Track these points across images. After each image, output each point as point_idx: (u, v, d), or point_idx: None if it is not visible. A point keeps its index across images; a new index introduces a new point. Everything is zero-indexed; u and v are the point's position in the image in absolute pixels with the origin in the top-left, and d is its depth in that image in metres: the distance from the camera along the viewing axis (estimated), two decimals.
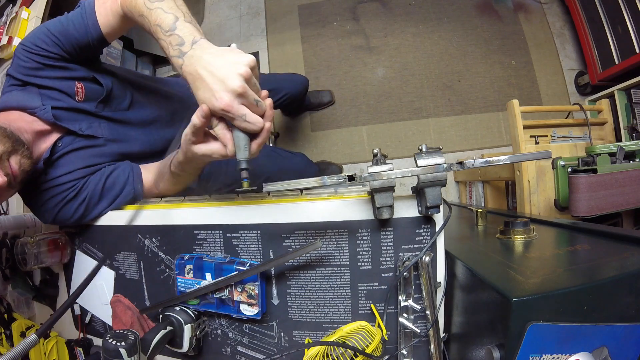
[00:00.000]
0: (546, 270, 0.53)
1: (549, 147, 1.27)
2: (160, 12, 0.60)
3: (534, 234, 0.72)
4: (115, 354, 0.52)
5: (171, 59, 0.58)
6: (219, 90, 0.52)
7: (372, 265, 0.62)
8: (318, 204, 0.64)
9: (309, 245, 0.60)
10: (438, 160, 0.51)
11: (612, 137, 1.44)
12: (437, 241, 0.59)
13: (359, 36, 2.06)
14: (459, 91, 1.97)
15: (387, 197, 0.54)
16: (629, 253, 0.56)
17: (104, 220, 0.82)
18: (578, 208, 0.98)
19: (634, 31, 1.54)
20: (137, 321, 0.79)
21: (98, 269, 0.79)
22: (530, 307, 0.44)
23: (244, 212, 0.69)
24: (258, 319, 0.67)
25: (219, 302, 0.68)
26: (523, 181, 1.20)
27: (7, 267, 1.01)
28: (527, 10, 2.04)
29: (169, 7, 0.60)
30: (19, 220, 0.91)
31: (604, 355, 0.47)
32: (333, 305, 0.65)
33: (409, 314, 0.61)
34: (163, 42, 0.59)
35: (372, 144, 1.96)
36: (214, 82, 0.52)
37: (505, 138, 1.91)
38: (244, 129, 0.55)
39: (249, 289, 0.65)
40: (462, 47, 2.01)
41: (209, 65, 0.53)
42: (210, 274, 0.67)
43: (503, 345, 0.46)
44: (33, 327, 0.99)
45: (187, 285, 0.69)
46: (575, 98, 1.93)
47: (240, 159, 0.56)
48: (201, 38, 0.57)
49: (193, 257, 0.69)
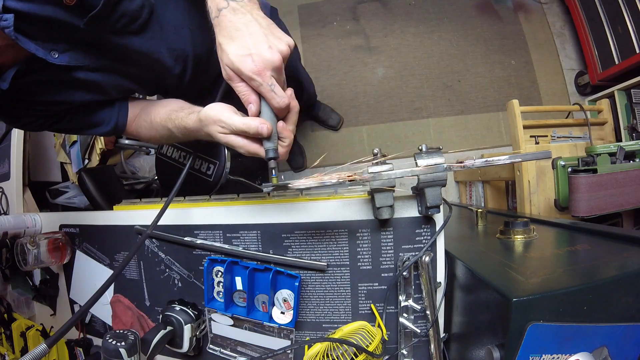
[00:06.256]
0: (546, 270, 0.53)
1: (549, 147, 1.27)
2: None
3: (534, 234, 0.72)
4: (115, 354, 0.52)
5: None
6: (257, 54, 0.47)
7: (372, 265, 0.62)
8: (318, 204, 0.64)
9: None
10: (438, 160, 0.51)
11: (612, 137, 1.44)
12: (437, 241, 0.59)
13: (359, 36, 2.06)
14: (459, 91, 1.97)
15: (387, 197, 0.54)
16: (629, 253, 0.56)
17: (104, 220, 0.82)
18: (578, 208, 0.98)
19: (634, 31, 1.54)
20: (137, 321, 0.79)
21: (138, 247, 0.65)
22: (530, 307, 0.44)
23: (244, 212, 0.68)
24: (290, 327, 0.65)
25: (250, 307, 0.67)
26: (523, 181, 1.20)
27: (7, 267, 1.01)
28: (527, 10, 2.04)
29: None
30: (19, 220, 0.91)
31: (604, 355, 0.47)
32: (333, 305, 0.65)
33: (409, 314, 0.61)
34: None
35: (372, 144, 1.96)
36: (255, 43, 0.47)
37: (505, 138, 1.91)
38: (270, 100, 0.50)
39: (285, 296, 0.64)
40: (462, 47, 2.01)
41: (255, 24, 0.48)
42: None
43: (503, 345, 0.46)
44: (33, 327, 0.99)
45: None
46: (575, 98, 1.93)
47: (268, 147, 0.52)
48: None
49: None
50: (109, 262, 0.83)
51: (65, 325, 0.50)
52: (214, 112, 0.54)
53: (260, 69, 0.47)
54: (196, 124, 0.58)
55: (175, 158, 1.07)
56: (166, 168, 1.09)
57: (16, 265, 0.84)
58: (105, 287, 0.55)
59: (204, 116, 0.55)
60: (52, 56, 0.56)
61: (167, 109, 0.68)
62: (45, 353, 0.47)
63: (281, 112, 0.52)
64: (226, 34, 0.49)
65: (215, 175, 1.02)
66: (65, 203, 1.68)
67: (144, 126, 0.72)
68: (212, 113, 0.54)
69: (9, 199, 1.33)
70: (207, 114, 0.55)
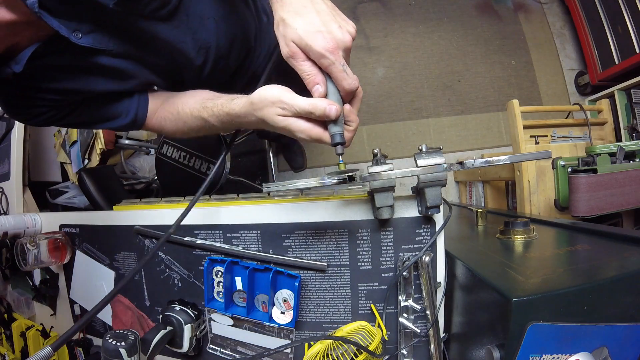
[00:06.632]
0: (546, 270, 0.53)
1: (549, 147, 1.27)
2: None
3: (534, 234, 0.72)
4: (115, 354, 0.52)
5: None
6: (329, 32, 0.44)
7: (372, 265, 0.62)
8: (318, 204, 0.64)
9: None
10: (438, 160, 0.51)
11: (612, 137, 1.44)
12: (437, 241, 0.59)
13: (359, 36, 2.06)
14: (459, 91, 1.97)
15: (387, 197, 0.54)
16: (629, 253, 0.56)
17: (104, 220, 0.82)
18: (578, 208, 0.99)
19: (634, 31, 1.54)
20: (137, 321, 0.79)
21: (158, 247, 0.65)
22: (530, 307, 0.44)
23: (244, 212, 0.68)
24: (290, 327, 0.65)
25: (250, 307, 0.66)
26: (523, 181, 1.20)
27: (7, 267, 1.01)
28: (527, 10, 2.04)
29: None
30: (19, 220, 0.91)
31: (604, 355, 0.47)
32: (333, 305, 0.65)
33: (409, 314, 0.61)
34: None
35: (372, 144, 1.96)
36: (325, 21, 0.45)
37: (505, 138, 1.92)
38: (341, 80, 0.47)
39: (285, 296, 0.64)
40: (462, 47, 2.01)
41: (322, 3, 0.46)
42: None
43: (503, 345, 0.46)
44: (33, 327, 0.99)
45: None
46: (575, 98, 1.93)
47: (334, 132, 0.48)
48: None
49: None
50: (109, 262, 0.83)
51: (72, 329, 0.49)
52: (274, 93, 0.49)
53: (334, 47, 0.45)
54: (246, 108, 0.53)
55: (175, 158, 1.07)
56: (166, 168, 1.09)
57: (16, 265, 0.84)
58: (116, 291, 0.54)
59: (258, 98, 0.51)
60: (76, 36, 0.51)
61: (197, 99, 0.65)
62: (50, 356, 0.46)
63: (348, 95, 0.49)
64: (291, 9, 0.46)
65: (215, 175, 1.02)
66: (65, 203, 1.68)
67: (169, 118, 0.68)
68: (269, 94, 0.49)
69: (9, 199, 1.33)
70: (264, 95, 0.50)
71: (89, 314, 0.51)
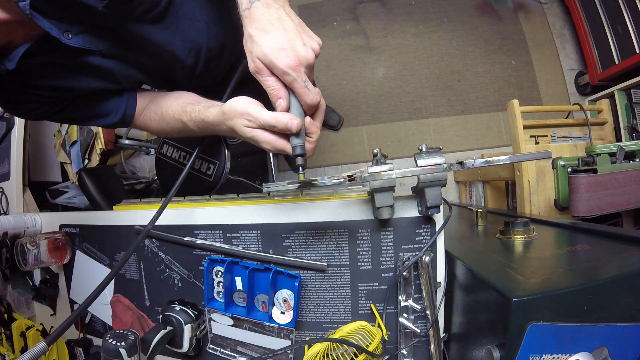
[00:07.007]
0: (546, 270, 0.53)
1: (549, 147, 1.28)
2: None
3: (534, 234, 0.72)
4: (115, 354, 0.52)
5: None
6: (292, 49, 0.47)
7: (372, 265, 0.62)
8: (318, 204, 0.64)
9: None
10: (438, 160, 0.51)
11: (612, 137, 1.44)
12: (437, 241, 0.59)
13: (359, 36, 2.07)
14: (459, 91, 1.97)
15: (387, 197, 0.54)
16: (629, 253, 0.56)
17: (104, 220, 0.82)
18: (578, 208, 0.99)
19: (634, 31, 1.54)
20: (137, 321, 0.79)
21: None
22: (530, 307, 0.44)
23: (244, 212, 0.68)
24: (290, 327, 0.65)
25: (250, 307, 0.66)
26: (523, 181, 1.20)
27: (7, 267, 1.01)
28: (527, 10, 2.04)
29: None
30: (19, 220, 0.91)
31: (604, 355, 0.47)
32: (333, 305, 0.65)
33: (409, 314, 0.61)
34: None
35: (372, 144, 1.96)
36: (290, 38, 0.47)
37: (505, 138, 1.92)
38: (303, 95, 0.49)
39: (285, 296, 0.64)
40: (462, 47, 2.01)
41: (289, 20, 0.48)
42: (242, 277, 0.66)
43: (503, 345, 0.46)
44: (33, 327, 0.99)
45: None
46: (575, 98, 1.93)
47: (296, 144, 0.51)
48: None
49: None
50: (109, 262, 0.83)
51: (64, 324, 0.50)
52: (241, 105, 0.53)
53: (296, 64, 0.47)
54: (218, 117, 0.57)
55: (175, 158, 1.07)
56: (166, 168, 1.09)
57: (16, 265, 0.84)
58: (103, 286, 0.54)
59: (229, 109, 0.54)
60: (66, 37, 0.53)
61: (180, 102, 0.67)
62: (45, 351, 0.46)
63: (310, 109, 0.52)
64: (259, 27, 0.48)
65: (215, 175, 1.02)
66: (65, 203, 1.68)
67: (154, 118, 0.70)
68: (238, 106, 0.53)
69: (9, 199, 1.34)
70: (233, 106, 0.53)
71: (81, 307, 0.53)
